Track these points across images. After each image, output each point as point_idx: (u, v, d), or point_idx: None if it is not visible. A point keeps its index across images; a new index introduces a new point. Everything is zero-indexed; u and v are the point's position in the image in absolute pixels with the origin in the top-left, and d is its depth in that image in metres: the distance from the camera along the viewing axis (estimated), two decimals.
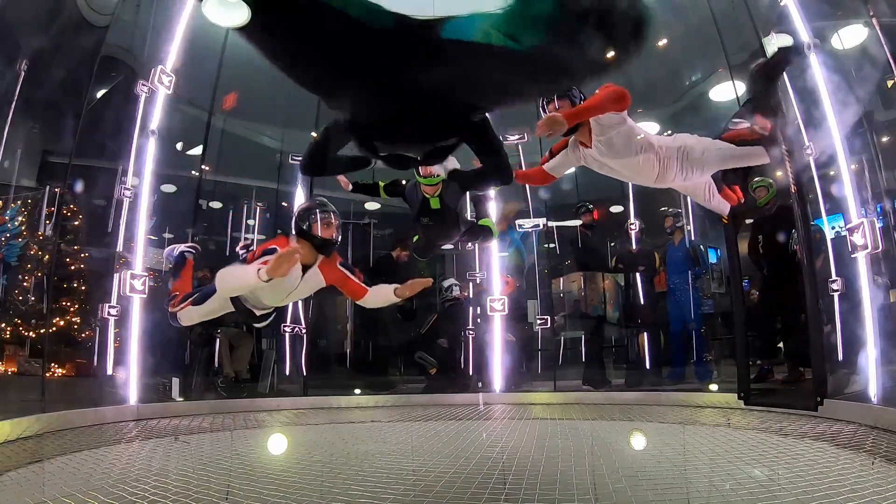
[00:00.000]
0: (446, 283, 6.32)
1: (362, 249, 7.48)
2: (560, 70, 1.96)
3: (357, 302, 3.02)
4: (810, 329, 3.91)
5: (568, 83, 2.44)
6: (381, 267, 6.47)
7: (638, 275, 6.02)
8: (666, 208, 6.11)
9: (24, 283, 5.79)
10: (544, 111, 2.53)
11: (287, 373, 5.54)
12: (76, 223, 6.17)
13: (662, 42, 6.91)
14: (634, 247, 6.20)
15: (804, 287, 3.86)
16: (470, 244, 3.97)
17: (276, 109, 6.62)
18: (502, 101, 2.26)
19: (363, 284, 2.94)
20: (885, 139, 4.52)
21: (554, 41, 1.77)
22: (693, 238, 5.94)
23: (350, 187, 3.88)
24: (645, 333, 5.79)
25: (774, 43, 4.22)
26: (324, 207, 2.72)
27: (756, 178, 4.89)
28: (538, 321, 6.33)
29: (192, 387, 5.24)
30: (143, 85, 4.87)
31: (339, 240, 2.78)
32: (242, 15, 2.05)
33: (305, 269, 2.72)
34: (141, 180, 4.85)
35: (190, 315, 2.91)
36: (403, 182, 3.82)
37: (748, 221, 5.07)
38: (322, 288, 2.88)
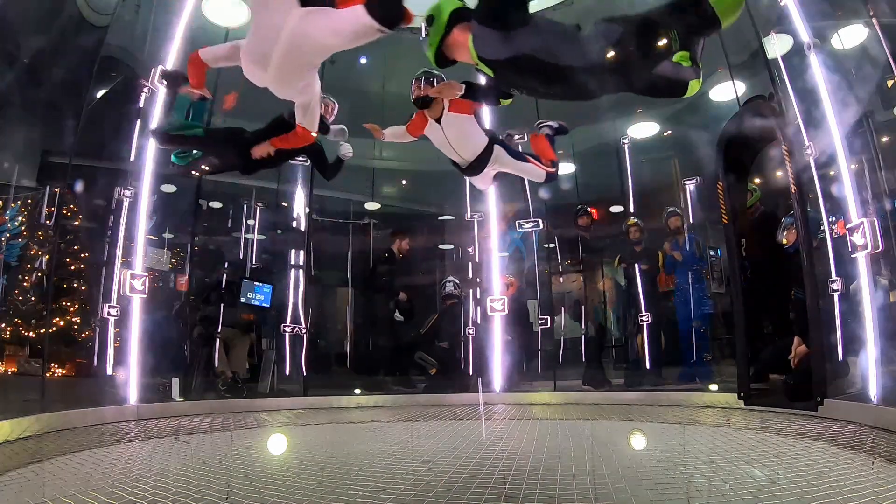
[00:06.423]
0: (448, 284, 6.33)
1: (362, 249, 7.48)
2: None
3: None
4: (810, 329, 3.90)
5: None
6: (384, 260, 6.54)
7: (639, 274, 6.02)
8: (673, 208, 6.09)
9: (24, 284, 5.79)
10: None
11: (287, 373, 5.54)
12: (76, 223, 6.17)
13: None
14: (638, 246, 6.19)
15: (788, 289, 3.84)
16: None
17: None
18: None
19: None
20: (885, 139, 4.51)
21: None
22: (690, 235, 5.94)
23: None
24: (645, 333, 5.78)
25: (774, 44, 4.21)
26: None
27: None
28: (538, 321, 6.33)
29: (192, 387, 5.24)
30: (144, 85, 4.87)
31: None
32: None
33: None
34: (141, 180, 4.86)
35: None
36: None
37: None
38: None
